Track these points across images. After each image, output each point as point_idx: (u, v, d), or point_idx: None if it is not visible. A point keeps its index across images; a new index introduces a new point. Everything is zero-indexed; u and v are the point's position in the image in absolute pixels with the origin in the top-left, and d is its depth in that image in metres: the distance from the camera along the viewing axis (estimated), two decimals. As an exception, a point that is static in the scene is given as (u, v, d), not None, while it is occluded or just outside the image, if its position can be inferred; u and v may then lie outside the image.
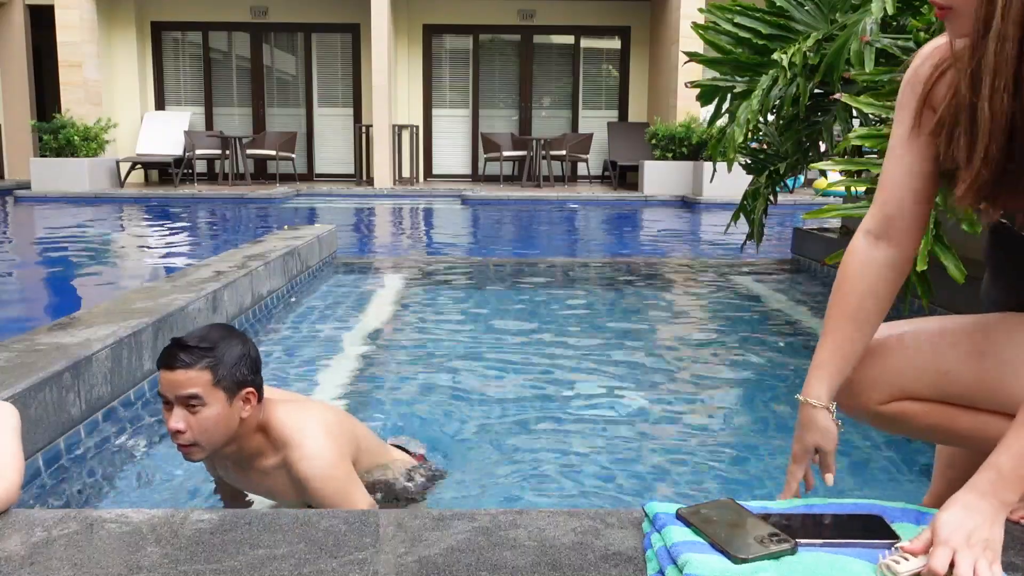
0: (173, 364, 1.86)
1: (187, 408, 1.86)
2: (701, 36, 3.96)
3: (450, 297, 5.72)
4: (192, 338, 1.90)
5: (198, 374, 1.85)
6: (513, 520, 1.26)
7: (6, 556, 1.14)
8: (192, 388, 1.84)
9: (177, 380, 1.85)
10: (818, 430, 1.31)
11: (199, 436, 1.87)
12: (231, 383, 1.89)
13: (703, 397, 3.59)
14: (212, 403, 1.86)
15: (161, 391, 1.88)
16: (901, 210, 1.30)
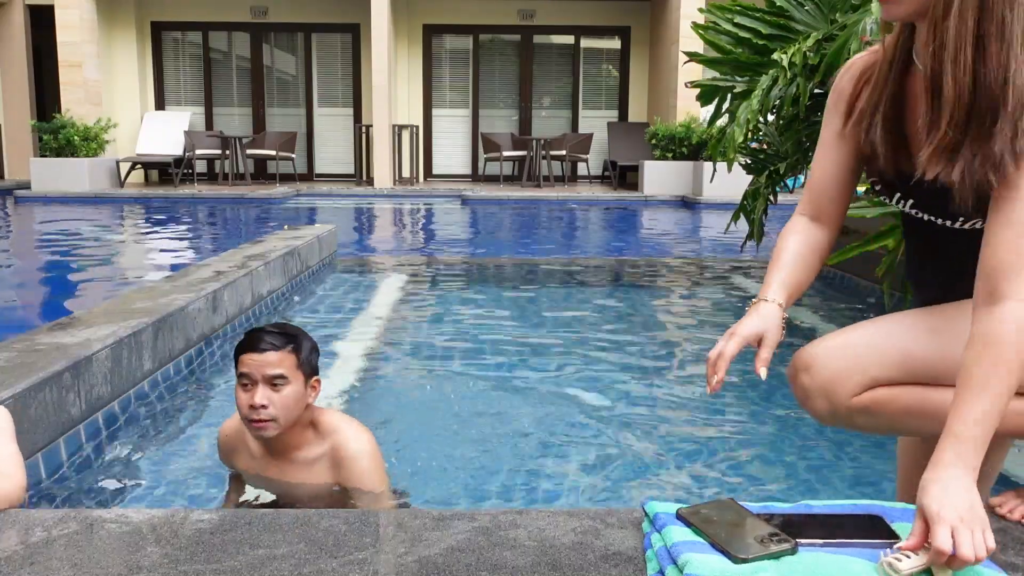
0: (263, 346, 2.09)
1: (271, 386, 2.08)
2: (701, 36, 3.96)
3: (450, 297, 5.73)
4: (275, 327, 2.16)
5: (286, 356, 2.09)
6: (513, 520, 1.26)
7: (6, 556, 1.14)
8: (280, 368, 2.07)
9: (267, 360, 2.08)
10: (763, 318, 1.43)
11: (279, 412, 2.08)
12: (308, 368, 2.15)
13: (703, 396, 3.59)
14: (294, 382, 2.10)
15: (246, 371, 2.08)
16: (830, 197, 1.53)
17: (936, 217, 1.42)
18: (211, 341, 4.01)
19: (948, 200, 1.31)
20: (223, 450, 2.40)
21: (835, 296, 5.63)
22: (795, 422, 3.28)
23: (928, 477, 1.14)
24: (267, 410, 2.07)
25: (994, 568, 1.11)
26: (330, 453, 2.19)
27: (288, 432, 2.15)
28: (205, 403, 3.40)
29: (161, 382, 3.40)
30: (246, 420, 2.12)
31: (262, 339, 2.10)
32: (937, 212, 1.41)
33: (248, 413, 2.09)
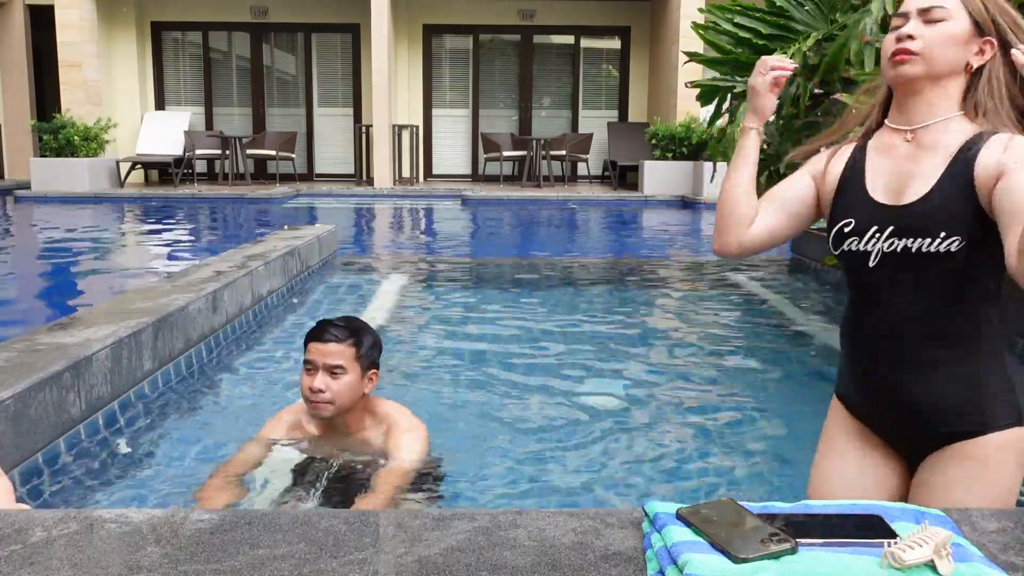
0: (327, 338, 2.34)
1: (330, 374, 2.33)
2: (701, 36, 3.95)
3: (450, 297, 5.73)
4: (341, 321, 2.41)
5: (346, 348, 2.34)
6: (513, 520, 1.26)
7: (6, 556, 1.14)
8: (339, 359, 2.33)
9: (328, 350, 2.33)
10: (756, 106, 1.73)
11: (335, 396, 2.34)
12: (367, 361, 2.39)
13: (703, 397, 3.59)
14: (351, 373, 2.35)
15: (310, 358, 2.35)
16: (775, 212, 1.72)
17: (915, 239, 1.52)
18: (211, 341, 4.01)
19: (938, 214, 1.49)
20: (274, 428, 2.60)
21: (834, 296, 5.63)
22: (795, 422, 3.28)
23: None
24: (324, 394, 2.33)
25: (994, 568, 1.11)
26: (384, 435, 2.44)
27: (345, 415, 2.41)
28: (205, 403, 3.40)
29: (161, 382, 3.40)
30: (306, 400, 2.38)
31: (327, 330, 2.36)
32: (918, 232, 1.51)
33: (308, 395, 2.35)
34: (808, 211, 1.72)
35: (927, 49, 1.54)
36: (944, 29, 1.54)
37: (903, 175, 1.57)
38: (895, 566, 1.08)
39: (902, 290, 1.57)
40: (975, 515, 1.33)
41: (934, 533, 1.11)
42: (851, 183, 1.64)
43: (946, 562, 1.09)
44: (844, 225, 1.61)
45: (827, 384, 3.77)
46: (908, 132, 1.59)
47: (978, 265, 1.53)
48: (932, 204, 1.52)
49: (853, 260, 1.62)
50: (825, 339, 4.54)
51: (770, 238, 1.72)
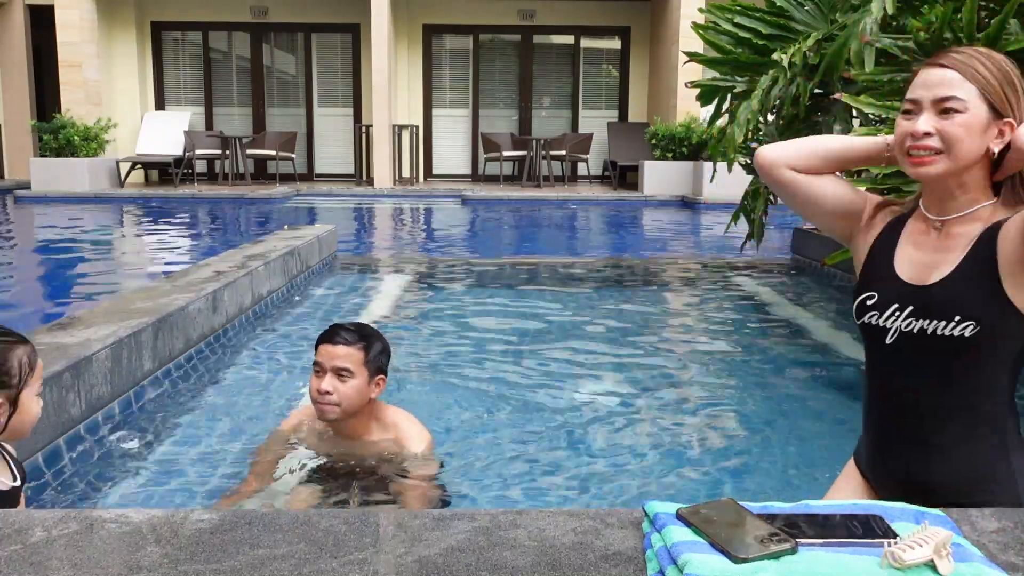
0: (336, 340, 2.38)
1: (338, 376, 2.36)
2: (701, 36, 3.96)
3: (449, 297, 5.73)
4: (351, 325, 2.45)
5: (354, 351, 2.37)
6: (513, 520, 1.26)
7: (6, 556, 1.14)
8: (347, 362, 2.35)
9: (337, 353, 2.36)
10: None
11: (341, 399, 2.36)
12: (374, 366, 2.41)
13: (703, 397, 3.59)
14: (358, 376, 2.37)
15: (319, 360, 2.38)
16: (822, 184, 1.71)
17: (931, 320, 1.52)
18: (211, 341, 4.01)
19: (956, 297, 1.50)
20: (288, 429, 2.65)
21: (834, 296, 5.63)
22: (795, 422, 3.28)
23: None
24: (331, 396, 2.35)
25: (994, 568, 1.11)
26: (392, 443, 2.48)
27: (353, 419, 2.44)
28: (205, 403, 3.40)
29: (161, 381, 3.40)
30: (314, 402, 2.40)
31: (337, 334, 2.40)
32: (935, 314, 1.52)
33: (315, 396, 2.38)
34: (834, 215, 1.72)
35: (945, 144, 1.48)
36: (962, 121, 1.47)
37: (929, 262, 1.57)
38: (895, 566, 1.08)
39: (918, 370, 1.56)
40: (975, 515, 1.33)
41: (934, 533, 1.11)
42: (881, 255, 1.65)
43: (946, 562, 1.09)
44: (867, 298, 1.62)
45: (827, 384, 3.78)
46: (938, 222, 1.58)
47: (992, 352, 1.52)
48: (951, 286, 1.52)
49: (872, 334, 1.62)
50: (825, 339, 4.54)
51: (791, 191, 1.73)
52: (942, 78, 1.49)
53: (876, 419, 1.65)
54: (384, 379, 2.47)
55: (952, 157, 1.49)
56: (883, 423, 1.63)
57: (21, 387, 1.73)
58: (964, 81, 1.48)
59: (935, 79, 1.50)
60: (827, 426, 3.21)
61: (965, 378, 1.54)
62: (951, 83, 1.48)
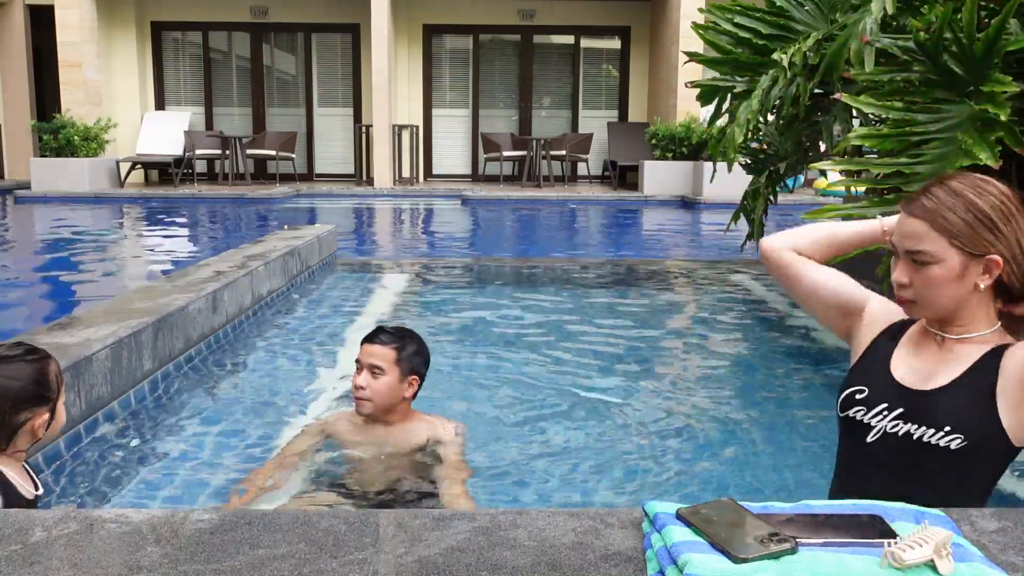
0: (373, 340, 2.59)
1: (371, 373, 2.54)
2: (701, 36, 3.95)
3: (449, 297, 5.72)
4: (392, 328, 2.67)
5: (388, 351, 2.55)
6: (513, 520, 1.26)
7: (6, 556, 1.14)
8: (380, 360, 2.54)
9: (372, 351, 2.56)
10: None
11: (373, 395, 2.54)
12: (406, 366, 2.58)
13: (703, 397, 3.59)
14: (389, 374, 2.54)
15: (358, 357, 2.59)
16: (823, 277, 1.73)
17: (920, 426, 1.51)
18: (211, 341, 4.01)
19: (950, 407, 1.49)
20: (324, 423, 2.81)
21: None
22: (796, 423, 3.28)
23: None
24: (364, 391, 2.54)
25: (994, 568, 1.11)
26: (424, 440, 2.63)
27: (387, 416, 2.60)
28: (205, 403, 3.40)
29: (161, 382, 3.40)
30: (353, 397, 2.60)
31: (376, 334, 2.61)
32: (925, 420, 1.51)
33: (353, 391, 2.58)
34: (835, 310, 1.72)
35: (920, 296, 1.51)
36: (931, 274, 1.48)
37: (927, 371, 1.57)
38: (895, 566, 1.08)
39: (893, 475, 1.55)
40: (975, 515, 1.33)
41: (934, 533, 1.11)
42: (877, 354, 1.63)
43: (946, 562, 1.09)
44: (856, 391, 1.60)
45: (828, 384, 3.77)
46: (939, 336, 1.57)
47: (972, 469, 1.52)
48: (948, 396, 1.51)
49: (853, 430, 1.60)
50: (825, 339, 4.54)
51: (795, 276, 1.73)
52: (913, 230, 1.50)
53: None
54: (417, 380, 2.63)
55: (929, 305, 1.51)
56: None
57: (58, 398, 1.91)
58: (930, 232, 1.47)
59: (907, 230, 1.51)
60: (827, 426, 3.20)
61: (940, 489, 1.52)
62: (919, 236, 1.48)
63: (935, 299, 1.50)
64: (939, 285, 1.48)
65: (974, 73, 2.78)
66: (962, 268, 1.48)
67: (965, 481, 1.53)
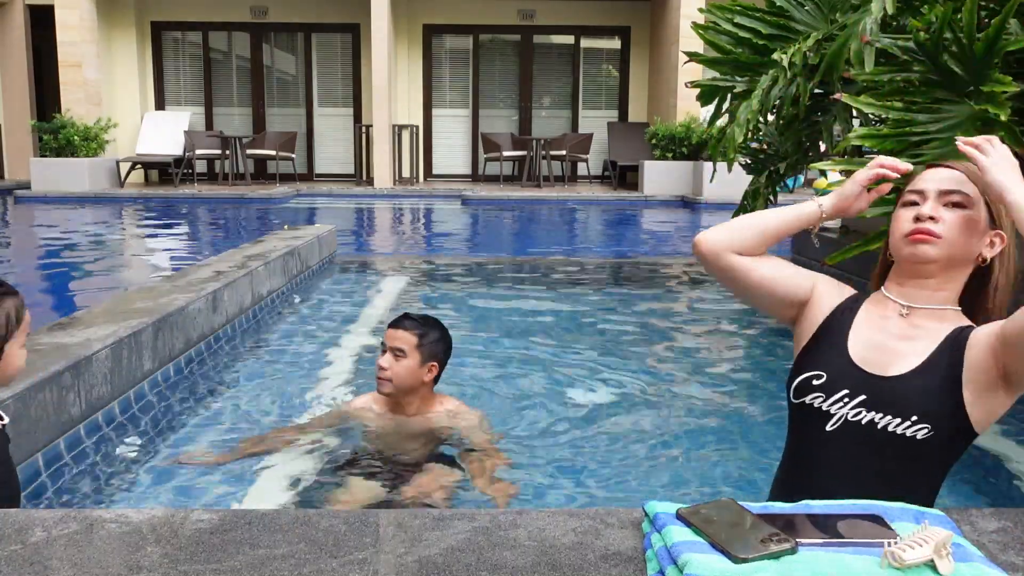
0: (397, 324, 2.75)
1: (394, 356, 2.69)
2: (701, 36, 3.95)
3: (449, 297, 5.72)
4: (416, 315, 2.82)
5: (410, 335, 2.71)
6: (513, 520, 1.26)
7: (6, 556, 1.14)
8: (402, 344, 2.70)
9: (395, 335, 2.72)
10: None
11: (393, 376, 2.69)
12: (427, 352, 2.73)
13: (703, 396, 3.59)
14: (410, 358, 2.70)
15: (383, 340, 2.75)
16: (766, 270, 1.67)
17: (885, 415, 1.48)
18: (211, 341, 4.00)
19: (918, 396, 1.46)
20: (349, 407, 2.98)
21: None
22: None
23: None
24: (386, 372, 2.70)
25: (994, 568, 1.11)
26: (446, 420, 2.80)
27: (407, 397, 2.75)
28: (205, 402, 3.40)
29: (161, 382, 3.40)
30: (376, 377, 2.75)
31: (401, 320, 2.77)
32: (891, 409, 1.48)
33: (376, 371, 2.73)
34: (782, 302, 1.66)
35: (949, 233, 1.49)
36: (964, 216, 1.50)
37: (890, 350, 1.53)
38: (895, 566, 1.08)
39: (853, 464, 1.51)
40: (975, 515, 1.33)
41: (934, 533, 1.11)
42: (831, 335, 1.58)
43: (946, 562, 1.09)
44: (814, 376, 1.55)
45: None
46: (904, 308, 1.55)
47: (935, 458, 1.50)
48: (914, 383, 1.48)
49: (810, 417, 1.55)
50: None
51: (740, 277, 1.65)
52: (950, 175, 1.53)
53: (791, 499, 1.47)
54: (436, 366, 2.78)
55: (950, 246, 1.50)
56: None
57: (7, 338, 1.77)
58: (967, 183, 1.52)
59: (943, 175, 1.53)
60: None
61: (901, 479, 1.50)
62: (958, 180, 1.52)
63: (957, 242, 1.50)
64: (967, 230, 1.50)
65: (974, 73, 2.79)
66: (984, 226, 1.51)
67: (925, 470, 1.51)
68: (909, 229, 1.51)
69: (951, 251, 1.50)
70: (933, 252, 1.50)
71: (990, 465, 2.81)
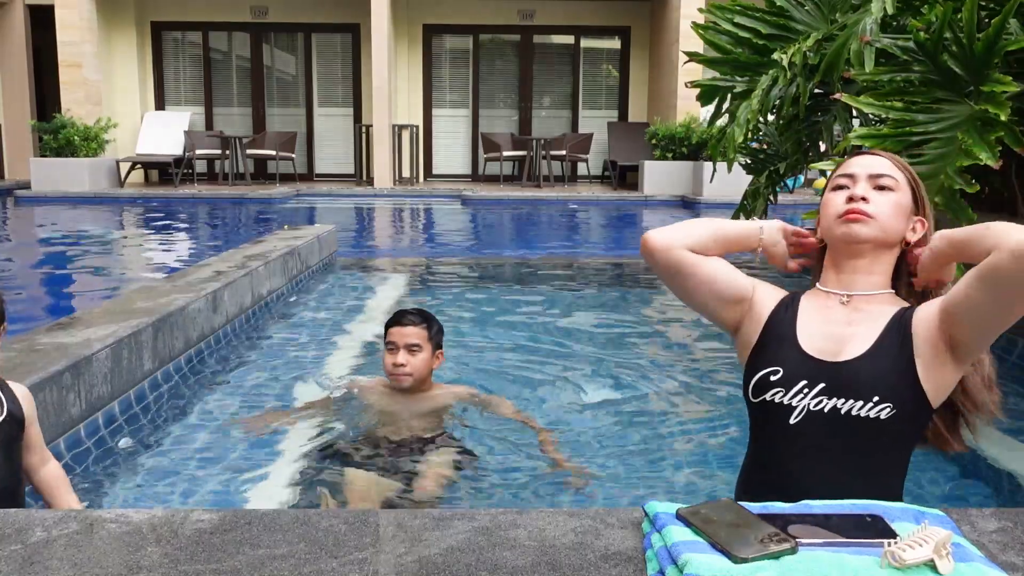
0: (405, 322, 2.88)
1: (409, 351, 2.85)
2: (701, 36, 3.95)
3: (449, 297, 5.72)
4: (413, 310, 2.97)
5: (421, 330, 2.88)
6: (513, 520, 1.26)
7: (6, 556, 1.14)
8: (416, 339, 2.87)
9: (407, 332, 2.86)
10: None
11: (413, 369, 2.86)
12: (435, 343, 2.93)
13: (703, 396, 3.59)
14: (424, 350, 2.88)
15: (392, 340, 2.87)
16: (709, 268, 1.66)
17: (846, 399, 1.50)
18: (211, 341, 4.00)
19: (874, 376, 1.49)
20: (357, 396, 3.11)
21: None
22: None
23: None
24: (405, 367, 2.84)
25: (994, 568, 1.11)
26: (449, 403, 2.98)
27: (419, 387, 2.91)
28: (205, 403, 3.40)
29: (161, 382, 3.40)
30: (389, 375, 2.90)
31: (405, 316, 2.90)
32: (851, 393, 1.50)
33: (391, 370, 2.87)
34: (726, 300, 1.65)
35: (879, 214, 1.55)
36: (893, 198, 1.57)
37: (838, 336, 1.55)
38: (895, 566, 1.09)
39: (821, 453, 1.52)
40: (975, 515, 1.33)
41: (934, 533, 1.11)
42: (779, 332, 1.59)
43: (946, 562, 1.09)
44: (771, 373, 1.56)
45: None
46: (844, 296, 1.58)
47: (899, 436, 1.52)
48: (869, 364, 1.50)
49: (772, 413, 1.55)
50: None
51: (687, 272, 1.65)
52: (878, 161, 1.61)
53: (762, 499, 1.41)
54: (442, 353, 3.00)
55: (882, 227, 1.55)
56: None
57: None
58: (894, 168, 1.60)
59: (871, 161, 1.61)
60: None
61: (870, 462, 1.51)
62: (885, 166, 1.60)
63: (889, 223, 1.56)
64: (896, 211, 1.57)
65: (974, 73, 2.79)
66: (909, 210, 1.59)
67: (891, 451, 1.53)
68: (842, 210, 1.56)
69: (882, 231, 1.55)
70: (865, 231, 1.55)
71: (990, 465, 2.81)
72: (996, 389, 1.60)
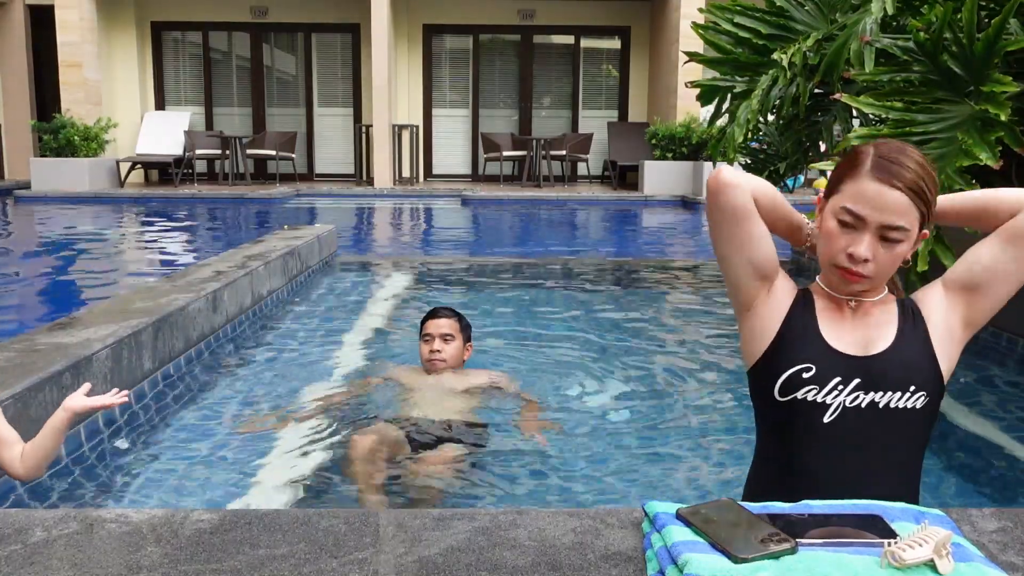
0: (439, 315, 3.32)
1: (444, 340, 3.24)
2: (701, 36, 3.95)
3: (449, 297, 5.72)
4: (446, 308, 3.41)
5: (453, 321, 3.32)
6: (513, 520, 1.26)
7: (6, 556, 1.14)
8: (449, 329, 3.27)
9: (441, 324, 3.28)
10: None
11: (448, 356, 3.24)
12: (466, 334, 3.37)
13: (703, 396, 3.59)
14: (457, 339, 3.29)
15: (428, 332, 3.28)
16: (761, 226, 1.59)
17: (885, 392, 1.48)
18: (211, 341, 4.01)
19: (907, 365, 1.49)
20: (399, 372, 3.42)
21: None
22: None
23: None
24: (440, 354, 3.22)
25: (994, 568, 1.11)
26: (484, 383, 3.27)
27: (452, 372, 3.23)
28: (205, 403, 3.40)
29: (161, 382, 3.40)
30: (426, 362, 3.26)
31: (439, 311, 3.35)
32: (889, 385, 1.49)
33: (428, 357, 3.25)
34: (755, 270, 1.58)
35: (879, 273, 1.48)
36: (899, 251, 1.46)
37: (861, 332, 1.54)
38: (895, 565, 1.09)
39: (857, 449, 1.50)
40: (975, 515, 1.33)
41: (934, 532, 1.11)
42: (802, 327, 1.55)
43: (946, 561, 1.09)
44: (803, 370, 1.51)
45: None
46: (852, 301, 1.56)
47: (929, 423, 1.54)
48: (898, 355, 1.50)
49: (801, 412, 1.51)
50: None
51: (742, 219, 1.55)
52: (895, 203, 1.43)
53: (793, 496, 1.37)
54: (471, 345, 3.38)
55: (880, 283, 1.52)
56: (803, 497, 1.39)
57: None
58: (911, 208, 1.43)
59: (887, 202, 1.43)
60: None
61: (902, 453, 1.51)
62: (900, 211, 1.43)
63: (887, 273, 1.49)
64: (898, 261, 1.48)
65: (974, 73, 2.78)
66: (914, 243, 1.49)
67: (920, 440, 1.54)
68: (842, 264, 1.48)
69: (879, 280, 1.51)
70: (859, 288, 1.51)
71: (990, 465, 2.81)
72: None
